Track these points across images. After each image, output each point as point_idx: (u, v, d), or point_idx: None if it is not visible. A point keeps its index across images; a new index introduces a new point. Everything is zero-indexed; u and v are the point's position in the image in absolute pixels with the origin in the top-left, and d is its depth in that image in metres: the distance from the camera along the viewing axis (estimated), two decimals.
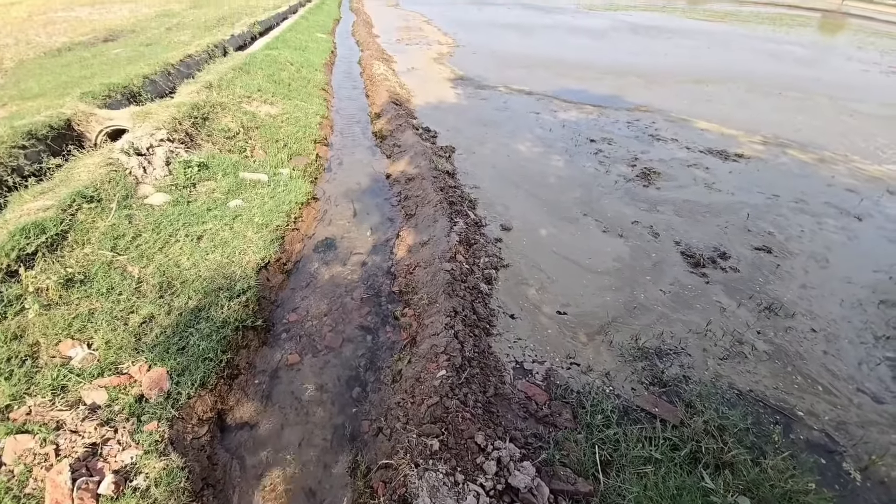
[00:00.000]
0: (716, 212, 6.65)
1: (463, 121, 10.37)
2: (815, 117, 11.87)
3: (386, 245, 5.70)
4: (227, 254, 4.72)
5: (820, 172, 8.27)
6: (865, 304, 4.87)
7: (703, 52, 22.52)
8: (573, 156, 8.59)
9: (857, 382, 3.90)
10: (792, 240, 6.00)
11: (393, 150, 8.45)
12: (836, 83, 16.56)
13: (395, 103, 10.79)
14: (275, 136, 8.02)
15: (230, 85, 9.32)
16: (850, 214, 6.75)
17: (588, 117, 11.04)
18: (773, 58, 21.86)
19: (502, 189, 7.14)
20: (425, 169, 7.13)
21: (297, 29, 20.14)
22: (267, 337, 4.21)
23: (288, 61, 12.93)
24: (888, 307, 4.85)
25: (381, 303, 4.73)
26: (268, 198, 5.91)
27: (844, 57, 23.83)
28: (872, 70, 20.28)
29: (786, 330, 4.43)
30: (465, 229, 5.54)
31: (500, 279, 5.03)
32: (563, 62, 18.19)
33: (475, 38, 24.59)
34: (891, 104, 13.87)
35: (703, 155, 8.81)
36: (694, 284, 5.04)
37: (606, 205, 6.77)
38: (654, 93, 13.73)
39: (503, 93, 13.09)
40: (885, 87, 16.49)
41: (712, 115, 11.61)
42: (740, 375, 3.90)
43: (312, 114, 9.51)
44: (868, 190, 7.63)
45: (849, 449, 3.32)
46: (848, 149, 9.60)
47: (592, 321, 4.46)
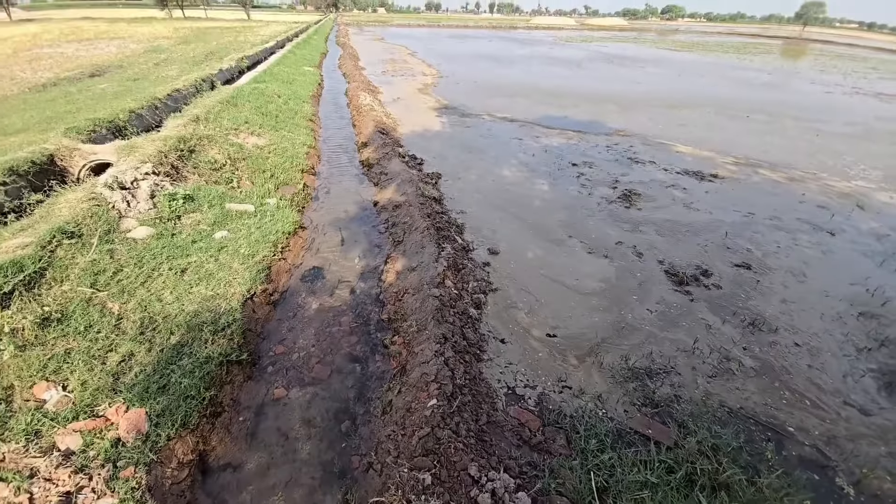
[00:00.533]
0: (695, 230, 6.85)
1: (448, 148, 10.62)
2: (783, 138, 12.50)
3: (374, 272, 5.69)
4: (211, 286, 4.64)
5: (791, 190, 8.63)
6: (845, 317, 5.00)
7: (674, 80, 23.73)
8: (556, 179, 8.82)
9: (844, 395, 3.95)
10: (769, 256, 6.19)
11: (380, 177, 8.56)
12: (801, 105, 17.55)
13: (382, 132, 11.02)
14: (262, 166, 8.08)
15: (217, 118, 9.43)
16: (823, 230, 7.02)
17: (569, 142, 11.42)
18: (740, 83, 23.14)
19: (489, 213, 7.26)
20: (412, 196, 7.23)
21: (284, 63, 20.64)
22: (252, 371, 4.10)
23: (275, 94, 13.19)
24: (867, 319, 4.98)
25: (370, 331, 4.68)
26: (254, 228, 5.89)
27: (808, 80, 25.36)
28: (835, 91, 21.60)
29: (770, 345, 4.50)
30: (453, 254, 5.58)
31: (490, 303, 5.04)
32: (542, 90, 18.95)
33: (458, 69, 25.53)
34: (855, 123, 14.73)
35: (681, 176, 9.15)
36: (679, 303, 5.13)
37: (591, 226, 6.92)
38: (631, 118, 14.33)
39: (487, 120, 13.51)
40: (848, 108, 17.54)
41: (686, 138, 12.13)
42: (730, 393, 3.92)
43: (300, 144, 9.63)
44: (839, 206, 7.97)
45: (840, 464, 3.33)
46: (816, 167, 10.08)
47: (582, 343, 4.47)
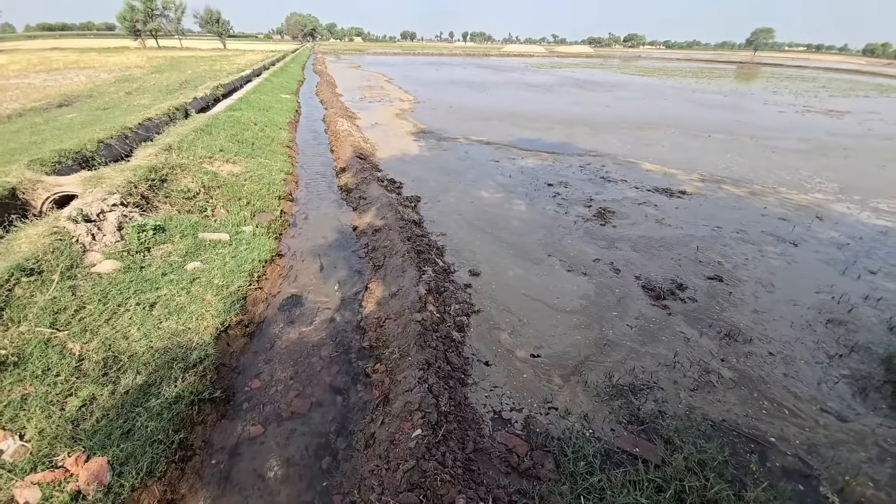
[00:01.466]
0: (668, 245, 7.07)
1: (427, 171, 10.75)
2: (743, 155, 13.23)
3: (354, 299, 5.59)
4: (182, 320, 4.45)
5: (754, 204, 9.08)
6: (814, 325, 5.19)
7: (639, 102, 25.00)
8: (533, 199, 9.01)
9: (820, 403, 4.05)
10: (739, 268, 6.42)
11: (359, 202, 8.55)
12: (757, 124, 18.72)
13: (360, 157, 11.08)
14: (237, 194, 7.95)
15: (191, 146, 9.29)
16: (786, 241, 7.37)
17: (544, 163, 11.76)
18: (700, 105, 24.57)
19: (469, 235, 7.31)
20: (392, 219, 7.23)
21: (261, 91, 20.72)
22: (226, 409, 3.89)
23: (251, 121, 13.16)
24: (835, 326, 5.18)
25: (352, 360, 4.54)
26: (229, 257, 5.73)
27: (762, 101, 27.16)
28: (788, 111, 23.17)
29: (746, 355, 4.61)
30: (434, 277, 5.55)
31: (472, 325, 5.00)
32: (517, 114, 19.60)
33: (435, 94, 26.21)
34: (808, 139, 15.77)
35: (651, 193, 9.50)
36: (657, 317, 5.22)
37: (568, 244, 7.04)
38: (601, 139, 14.94)
39: (464, 143, 13.80)
40: (801, 125, 18.80)
41: (654, 157, 12.70)
42: (712, 405, 3.96)
43: (277, 170, 9.56)
44: (799, 217, 8.41)
45: (823, 472, 3.37)
46: (775, 181, 10.67)
47: (566, 361, 4.46)
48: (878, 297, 5.75)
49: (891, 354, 4.62)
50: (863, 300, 5.68)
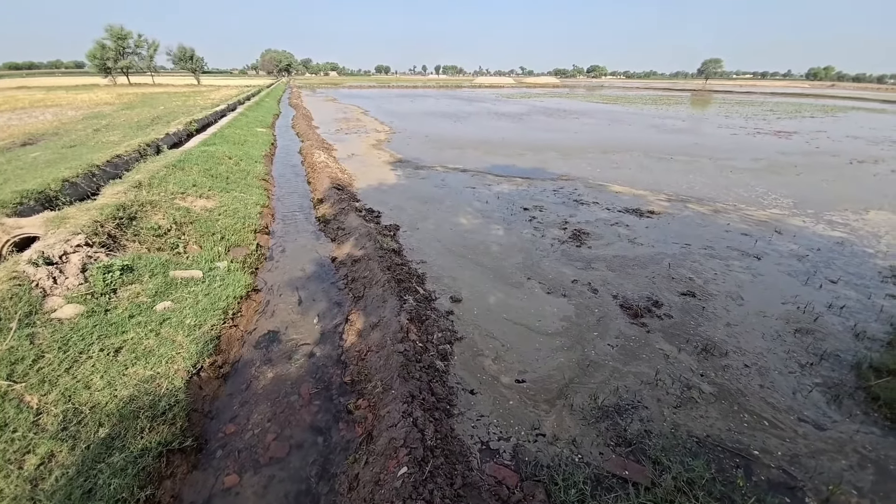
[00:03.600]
0: (642, 263, 7.29)
1: (405, 199, 10.86)
2: (703, 175, 14.01)
3: (335, 332, 5.46)
4: (150, 365, 4.22)
5: (717, 221, 9.55)
6: (783, 335, 5.39)
7: (604, 128, 26.31)
8: (510, 224, 9.20)
9: (797, 412, 4.15)
10: (709, 282, 6.67)
11: (337, 233, 8.50)
12: (714, 146, 19.95)
13: (338, 188, 11.12)
14: (211, 229, 7.78)
15: (162, 182, 9.11)
16: (750, 255, 7.73)
17: (519, 188, 12.09)
18: (661, 130, 26.07)
19: (449, 261, 7.34)
20: (371, 249, 7.20)
21: (236, 125, 20.72)
22: (198, 458, 3.65)
23: (226, 155, 13.07)
24: (803, 335, 5.40)
25: (333, 396, 4.39)
26: (202, 295, 5.53)
27: (716, 125, 29.05)
28: (740, 133, 24.84)
29: (723, 369, 4.72)
30: (416, 306, 5.51)
31: (456, 353, 4.94)
32: (490, 142, 20.25)
33: (410, 125, 26.85)
34: (760, 159, 16.86)
35: (622, 214, 9.87)
36: (636, 335, 5.31)
37: (547, 267, 7.16)
38: (572, 164, 15.55)
39: (440, 171, 14.07)
40: (752, 146, 20.14)
41: (622, 179, 13.27)
42: (695, 422, 4.00)
43: (252, 204, 9.45)
44: (759, 232, 8.88)
45: (807, 482, 3.42)
46: (735, 199, 11.29)
47: (551, 385, 4.44)
48: (842, 305, 6.05)
49: (859, 361, 4.82)
50: (827, 309, 5.97)
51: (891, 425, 3.95)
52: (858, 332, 5.39)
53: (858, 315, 5.80)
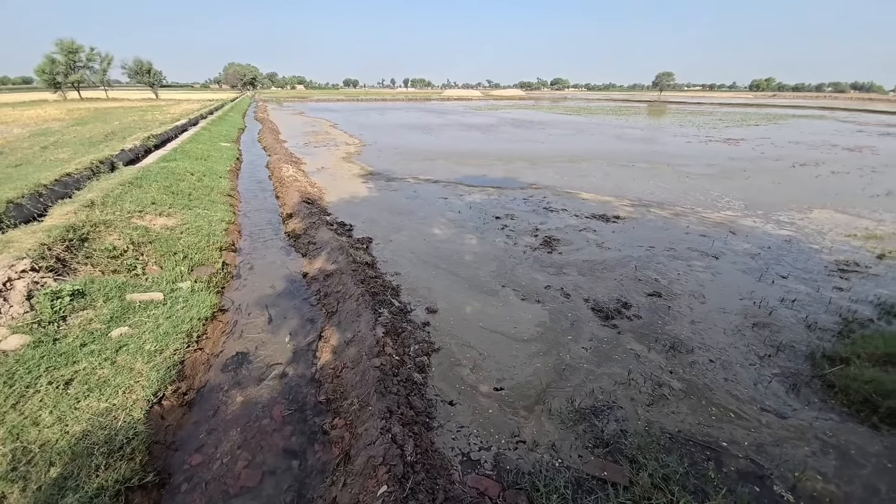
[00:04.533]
0: (610, 267, 7.53)
1: (377, 212, 10.78)
2: (663, 181, 14.73)
3: (308, 349, 5.29)
4: (106, 396, 3.93)
5: (678, 224, 10.03)
6: (742, 329, 5.68)
7: (570, 138, 27.28)
8: (483, 233, 9.30)
9: (759, 402, 4.36)
10: (674, 283, 6.96)
11: (308, 247, 8.31)
12: (671, 153, 21.06)
13: (307, 202, 10.91)
14: (172, 248, 7.42)
15: (118, 201, 8.64)
16: (709, 255, 8.15)
17: (490, 198, 12.28)
18: (622, 139, 27.29)
19: (423, 272, 7.31)
20: (343, 263, 7.08)
21: (198, 140, 20.04)
22: (161, 494, 3.41)
23: (188, 171, 12.59)
24: (760, 328, 5.71)
25: (307, 417, 4.23)
26: (163, 319, 5.24)
27: (671, 133, 30.71)
28: (693, 141, 26.35)
29: (691, 365, 4.91)
30: (391, 319, 5.44)
31: (434, 364, 4.90)
32: (461, 153, 20.53)
33: (380, 137, 26.84)
34: (713, 164, 17.92)
35: (590, 220, 10.20)
36: (608, 337, 5.45)
37: (520, 273, 7.27)
38: (540, 172, 15.98)
39: (412, 183, 14.10)
40: (705, 153, 21.40)
41: (588, 186, 13.75)
42: (667, 418, 4.12)
43: (217, 221, 9.11)
44: (716, 233, 9.39)
45: (774, 470, 3.58)
46: (693, 203, 11.92)
47: (529, 391, 4.47)
48: (793, 298, 6.46)
49: (812, 351, 5.14)
50: (780, 303, 6.35)
51: (847, 411, 4.21)
52: (810, 324, 5.76)
53: (809, 307, 6.20)
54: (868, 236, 9.27)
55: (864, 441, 3.85)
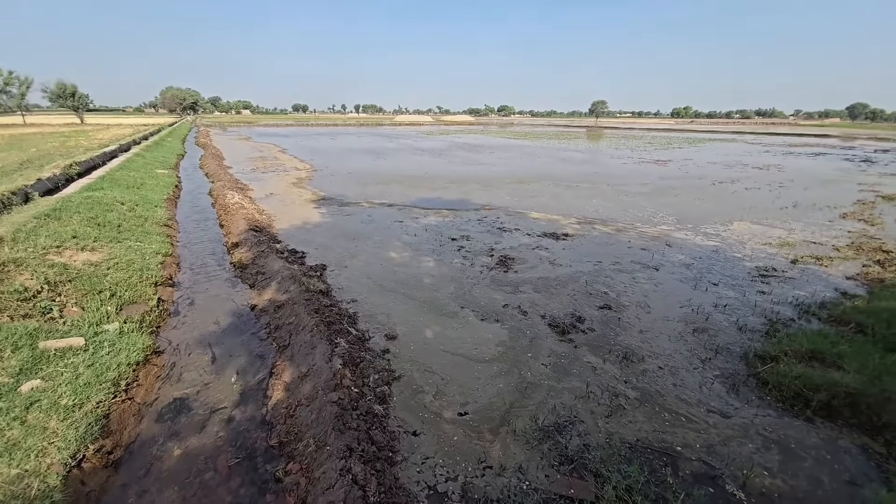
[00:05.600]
0: (563, 283, 7.82)
1: (331, 238, 10.49)
2: (605, 200, 15.76)
3: (258, 389, 4.90)
4: (17, 462, 3.35)
5: (621, 239, 10.71)
6: (685, 335, 6.07)
7: (518, 161, 28.58)
8: (440, 255, 9.33)
9: (705, 404, 4.63)
10: (621, 295, 7.35)
11: (257, 278, 7.85)
12: (610, 174, 22.68)
13: (255, 230, 10.39)
14: (97, 286, 6.68)
15: (31, 236, 7.71)
16: (650, 267, 8.74)
17: (445, 220, 12.42)
18: (566, 161, 29.03)
19: (381, 298, 7.15)
20: (296, 292, 6.75)
21: (130, 167, 18.62)
22: None
23: (117, 201, 11.58)
24: (700, 333, 6.13)
25: (257, 465, 3.87)
26: (83, 367, 4.64)
27: (609, 156, 33.17)
28: (628, 162, 28.60)
29: (643, 373, 5.14)
30: (349, 349, 5.21)
31: (395, 394, 4.73)
32: (414, 176, 20.73)
33: (332, 162, 26.49)
34: (646, 183, 19.49)
35: (541, 238, 10.60)
36: (566, 352, 5.59)
37: (478, 294, 7.33)
38: (493, 194, 16.49)
39: (366, 207, 13.95)
40: (639, 173, 23.26)
41: (538, 206, 14.38)
42: (625, 428, 4.24)
43: (151, 253, 8.38)
44: (654, 246, 10.12)
45: (724, 470, 3.77)
46: (632, 219, 12.82)
47: (493, 413, 4.43)
48: (724, 304, 7.03)
49: (746, 351, 5.58)
50: (714, 308, 6.89)
51: (782, 406, 4.58)
52: (741, 326, 6.28)
53: (739, 311, 6.79)
54: (781, 244, 10.44)
55: (802, 434, 4.19)
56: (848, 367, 4.71)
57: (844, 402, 4.33)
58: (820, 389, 4.45)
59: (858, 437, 4.11)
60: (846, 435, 4.15)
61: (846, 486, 3.59)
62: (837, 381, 4.43)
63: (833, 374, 4.57)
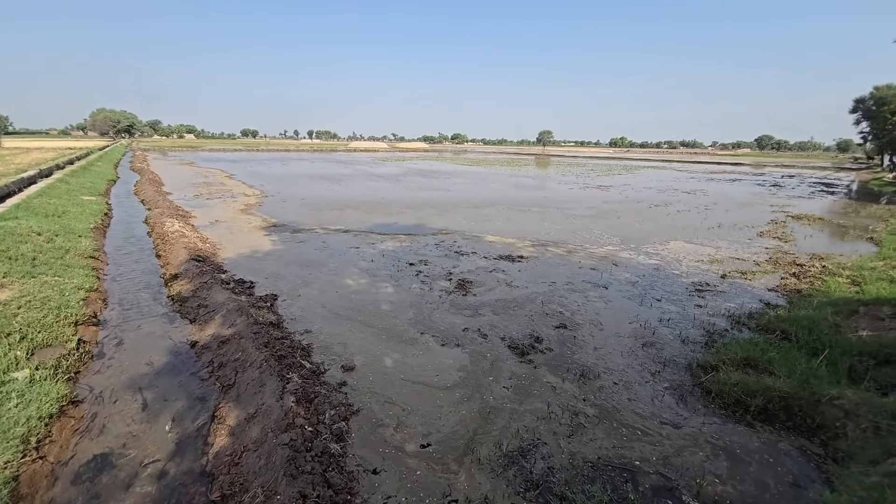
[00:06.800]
0: (520, 304, 7.97)
1: (282, 266, 10.02)
2: (555, 223, 16.53)
3: (197, 436, 4.42)
4: None
5: (572, 259, 11.21)
6: (635, 350, 6.36)
7: (473, 186, 29.42)
8: (398, 280, 9.20)
9: (657, 416, 4.81)
10: (576, 314, 7.61)
11: (198, 312, 7.25)
12: (559, 199, 23.93)
13: (198, 259, 9.69)
14: (4, 328, 5.82)
15: None
16: (600, 286, 9.18)
17: (403, 245, 12.35)
18: (518, 187, 30.31)
19: (337, 327, 6.86)
20: (242, 325, 6.29)
21: (51, 193, 16.86)
22: None
23: (33, 231, 10.36)
24: (648, 347, 6.45)
25: None
26: None
27: (556, 182, 35.09)
28: (574, 188, 30.39)
29: (599, 390, 5.28)
30: (302, 384, 4.89)
31: (353, 429, 4.47)
32: (370, 202, 20.60)
33: (284, 188, 25.72)
34: (592, 207, 20.75)
35: (498, 261, 10.83)
36: (526, 373, 5.63)
37: (438, 319, 7.26)
38: (449, 218, 16.73)
39: (321, 234, 13.56)
40: (585, 197, 24.76)
41: (493, 230, 14.76)
42: (587, 446, 4.29)
43: (72, 289, 7.50)
44: (603, 266, 10.67)
45: (679, 480, 3.89)
46: (581, 240, 13.50)
47: (457, 442, 4.31)
48: (668, 318, 7.50)
49: (689, 363, 5.93)
50: (659, 323, 7.31)
51: (725, 413, 4.86)
52: (684, 339, 6.70)
53: (680, 324, 7.25)
54: (712, 260, 11.43)
55: (745, 439, 4.45)
56: (778, 373, 5.14)
57: (779, 406, 4.69)
58: (756, 395, 4.80)
59: (796, 440, 4.44)
60: (784, 437, 4.48)
61: (791, 489, 3.82)
62: (771, 387, 4.81)
63: (766, 380, 4.96)
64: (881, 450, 3.76)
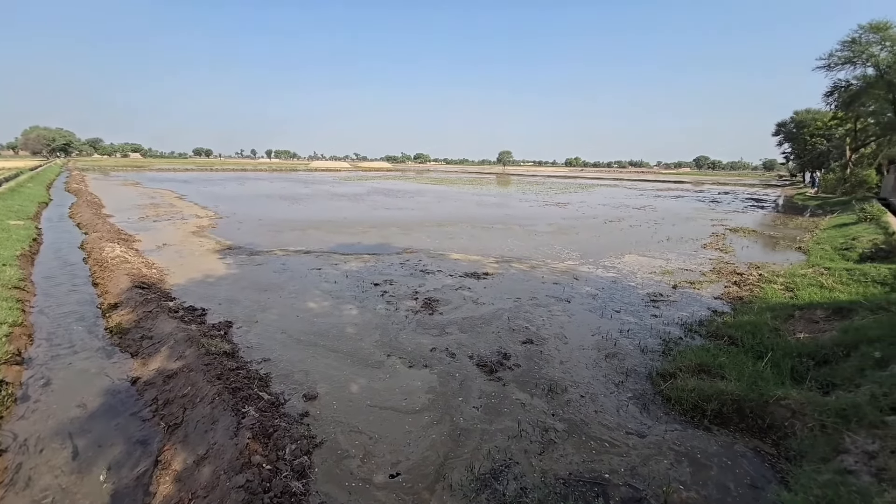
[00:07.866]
0: (487, 321, 7.99)
1: (238, 290, 9.49)
2: (518, 239, 16.94)
3: (137, 485, 3.96)
4: None
5: (535, 275, 11.46)
6: (599, 362, 6.52)
7: (437, 205, 29.68)
8: (363, 301, 8.96)
9: (623, 427, 4.91)
10: (541, 328, 7.73)
11: (141, 344, 6.65)
12: (520, 216, 24.62)
13: (142, 287, 8.97)
14: None
15: None
16: (563, 300, 9.42)
17: (366, 265, 12.12)
18: (480, 205, 30.92)
19: (298, 353, 6.52)
20: (192, 357, 5.83)
21: None
22: None
23: None
24: (611, 358, 6.63)
25: None
26: None
27: (517, 199, 36.17)
28: (534, 205, 31.43)
29: (567, 404, 5.33)
30: (259, 418, 4.56)
31: (317, 464, 4.19)
32: (332, 222, 20.18)
33: (240, 208, 24.69)
34: (552, 223, 21.49)
35: (463, 278, 10.87)
36: (495, 391, 5.59)
37: (405, 339, 7.10)
38: (413, 237, 16.69)
39: (280, 255, 13.04)
40: (545, 214, 25.64)
41: (458, 247, 14.87)
42: (558, 462, 4.28)
43: None
44: (564, 280, 10.99)
45: (647, 490, 3.95)
46: (543, 256, 13.88)
47: (427, 469, 4.15)
48: (627, 329, 7.78)
49: (649, 371, 6.15)
50: (619, 334, 7.57)
51: (685, 419, 5.04)
52: (643, 348, 6.96)
53: (639, 334, 7.54)
54: (663, 272, 12.10)
55: (703, 444, 4.62)
56: (729, 377, 5.43)
57: (732, 409, 4.94)
58: (711, 399, 5.03)
59: (750, 441, 4.66)
60: (739, 439, 4.69)
61: (750, 490, 3.98)
62: (723, 390, 5.07)
63: (719, 384, 5.22)
64: (829, 447, 4.02)
